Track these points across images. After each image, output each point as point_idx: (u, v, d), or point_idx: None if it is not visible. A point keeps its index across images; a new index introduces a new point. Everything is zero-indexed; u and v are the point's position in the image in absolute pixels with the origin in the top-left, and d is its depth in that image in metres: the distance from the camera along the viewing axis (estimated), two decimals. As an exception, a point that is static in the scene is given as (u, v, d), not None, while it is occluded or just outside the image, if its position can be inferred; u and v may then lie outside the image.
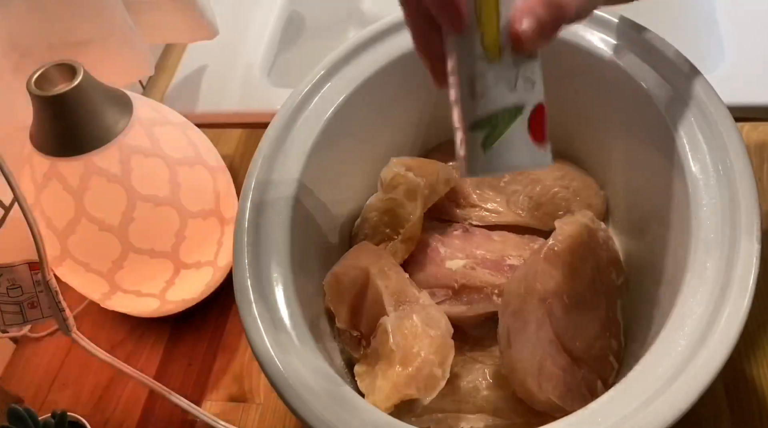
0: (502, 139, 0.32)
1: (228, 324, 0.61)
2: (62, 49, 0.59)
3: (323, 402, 0.40)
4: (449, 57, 0.35)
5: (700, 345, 0.39)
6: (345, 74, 0.53)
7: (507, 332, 0.47)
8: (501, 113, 0.32)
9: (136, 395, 0.58)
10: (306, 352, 0.42)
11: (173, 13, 0.67)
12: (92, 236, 0.50)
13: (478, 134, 0.33)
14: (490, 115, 0.33)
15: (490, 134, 0.33)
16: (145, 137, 0.50)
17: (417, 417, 0.48)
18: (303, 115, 0.52)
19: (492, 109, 0.33)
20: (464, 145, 0.34)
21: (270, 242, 0.46)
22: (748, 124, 0.65)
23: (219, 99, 0.77)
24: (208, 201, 0.54)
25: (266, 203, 0.48)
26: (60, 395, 0.59)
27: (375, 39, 0.54)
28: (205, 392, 0.57)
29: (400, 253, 0.53)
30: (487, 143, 0.33)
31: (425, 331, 0.47)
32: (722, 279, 0.41)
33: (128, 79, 0.67)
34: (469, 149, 0.34)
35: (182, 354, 0.60)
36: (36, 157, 0.49)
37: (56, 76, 0.48)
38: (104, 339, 0.61)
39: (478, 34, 0.32)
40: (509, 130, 0.32)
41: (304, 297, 0.46)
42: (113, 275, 0.52)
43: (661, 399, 0.38)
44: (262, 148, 0.50)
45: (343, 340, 0.51)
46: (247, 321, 0.43)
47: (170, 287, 0.55)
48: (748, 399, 0.51)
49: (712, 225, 0.43)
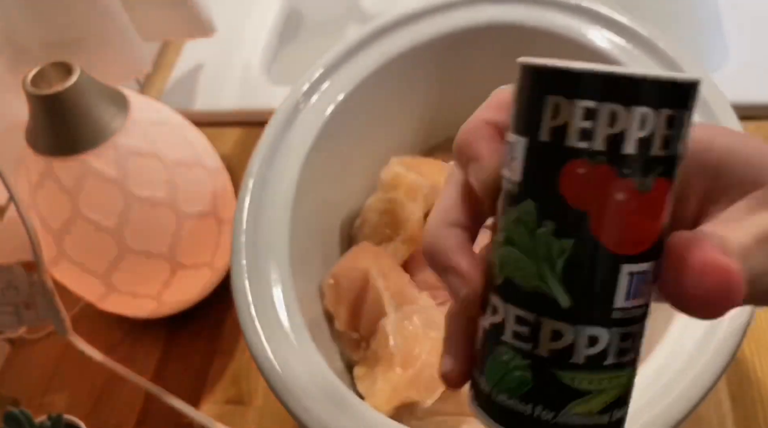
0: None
1: (226, 326, 0.60)
2: (58, 48, 0.58)
3: (322, 404, 0.40)
4: None
5: (703, 346, 0.39)
6: (345, 72, 0.53)
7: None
8: None
9: (133, 397, 0.57)
10: (305, 354, 0.42)
11: (170, 10, 0.66)
12: (88, 237, 0.50)
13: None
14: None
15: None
16: (142, 137, 0.50)
17: (418, 420, 0.48)
18: (302, 113, 0.51)
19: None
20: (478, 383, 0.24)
21: (268, 243, 0.46)
22: (753, 123, 0.65)
23: (217, 97, 0.77)
24: (205, 202, 0.54)
25: (264, 203, 0.48)
26: (56, 397, 0.59)
27: (374, 37, 0.54)
28: (202, 394, 0.57)
29: (400, 253, 0.53)
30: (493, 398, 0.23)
31: (426, 333, 0.46)
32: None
33: (125, 77, 0.67)
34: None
35: (179, 356, 0.59)
36: (31, 156, 0.49)
37: (52, 75, 0.48)
38: (101, 341, 0.61)
39: None
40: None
41: (303, 299, 0.46)
42: (109, 277, 0.52)
43: (664, 401, 0.37)
44: (261, 147, 0.50)
45: (343, 342, 0.51)
46: (245, 322, 0.43)
47: (167, 289, 0.55)
48: (753, 401, 0.50)
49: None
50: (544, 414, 0.22)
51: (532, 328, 0.21)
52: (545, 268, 0.21)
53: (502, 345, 0.22)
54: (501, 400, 0.22)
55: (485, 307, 0.23)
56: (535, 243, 0.21)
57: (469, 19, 0.54)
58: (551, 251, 0.21)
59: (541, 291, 0.21)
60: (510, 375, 0.22)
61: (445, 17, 0.54)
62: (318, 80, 0.52)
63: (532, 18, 0.53)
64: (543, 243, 0.21)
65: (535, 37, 0.53)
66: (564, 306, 0.21)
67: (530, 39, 0.53)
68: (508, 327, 0.22)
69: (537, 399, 0.22)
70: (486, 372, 0.23)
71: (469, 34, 0.54)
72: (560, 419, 0.22)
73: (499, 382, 0.22)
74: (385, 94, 0.55)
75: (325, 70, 0.53)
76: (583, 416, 0.22)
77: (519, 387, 0.22)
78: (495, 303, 0.23)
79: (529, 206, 0.21)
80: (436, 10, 0.54)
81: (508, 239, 0.22)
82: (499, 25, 0.53)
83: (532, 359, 0.22)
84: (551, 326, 0.21)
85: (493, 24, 0.54)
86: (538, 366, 0.22)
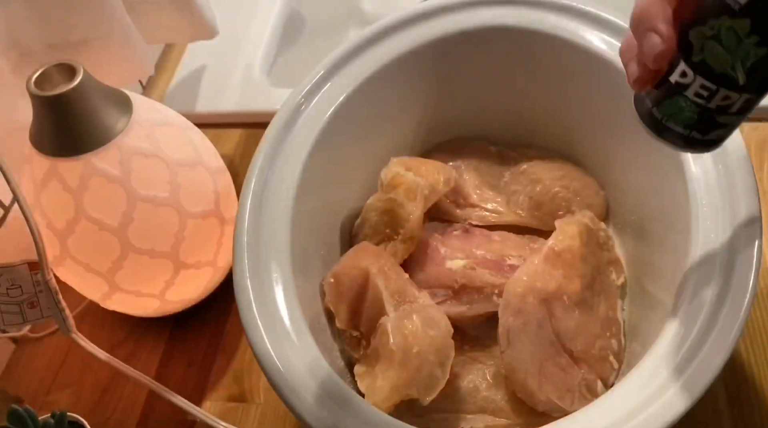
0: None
1: (228, 324, 0.61)
2: (62, 49, 0.59)
3: (323, 402, 0.40)
4: None
5: (700, 346, 0.39)
6: (345, 74, 0.53)
7: (507, 332, 0.47)
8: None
9: (136, 395, 0.58)
10: (306, 352, 0.42)
11: (173, 13, 0.67)
12: (92, 237, 0.50)
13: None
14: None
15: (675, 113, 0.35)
16: (145, 138, 0.50)
17: (417, 418, 0.48)
18: (303, 115, 0.52)
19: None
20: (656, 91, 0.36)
21: (270, 243, 0.46)
22: (748, 124, 0.65)
23: (219, 99, 0.77)
24: (208, 201, 0.54)
25: (266, 203, 0.48)
26: (60, 395, 0.59)
27: (375, 39, 0.54)
28: (205, 392, 0.57)
29: (400, 253, 0.53)
30: (663, 112, 0.36)
31: (425, 331, 0.47)
32: (722, 279, 0.41)
33: (128, 79, 0.67)
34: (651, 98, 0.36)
35: (182, 354, 0.60)
36: (36, 157, 0.49)
37: (56, 76, 0.48)
38: (104, 339, 0.61)
39: None
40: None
41: (304, 297, 0.46)
42: (113, 276, 0.52)
43: (661, 399, 0.38)
44: (262, 148, 0.50)
45: (343, 340, 0.51)
46: (247, 321, 0.43)
47: (170, 288, 0.55)
48: (748, 400, 0.51)
49: (712, 225, 0.43)
50: (695, 134, 0.35)
51: (710, 93, 0.33)
52: (738, 63, 0.31)
53: (683, 97, 0.34)
54: (669, 125, 0.36)
55: (673, 68, 0.34)
56: (738, 47, 0.31)
57: (467, 21, 0.54)
58: (748, 54, 0.31)
59: (727, 74, 0.32)
60: (682, 114, 0.35)
61: (443, 20, 0.55)
62: (319, 82, 0.53)
63: (528, 20, 0.53)
64: (744, 48, 0.31)
65: (532, 39, 0.53)
66: (740, 83, 0.32)
67: (527, 41, 0.54)
68: (692, 89, 0.33)
69: (695, 127, 0.35)
70: (662, 107, 0.35)
71: (467, 36, 0.54)
72: (705, 137, 0.35)
73: (672, 116, 0.35)
74: (384, 96, 0.55)
75: (325, 72, 0.53)
76: (715, 135, 0.35)
77: (686, 121, 0.35)
78: (685, 70, 0.33)
79: (745, 23, 0.30)
80: (435, 13, 0.55)
81: (715, 37, 0.32)
82: (496, 28, 0.54)
83: (702, 108, 0.34)
84: (725, 93, 0.33)
85: (491, 26, 0.54)
86: (704, 112, 0.34)
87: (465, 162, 0.61)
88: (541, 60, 0.54)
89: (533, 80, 0.57)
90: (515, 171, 0.60)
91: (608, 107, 0.53)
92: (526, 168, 0.60)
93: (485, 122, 0.62)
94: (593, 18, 0.52)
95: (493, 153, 0.62)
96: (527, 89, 0.58)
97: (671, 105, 0.35)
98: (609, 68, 0.50)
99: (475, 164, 0.61)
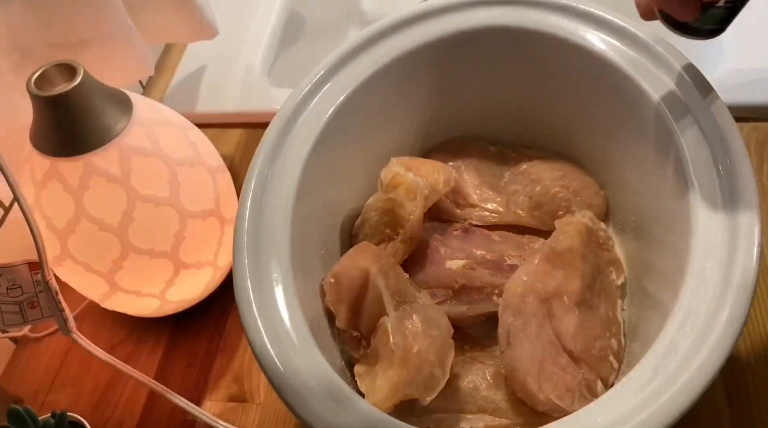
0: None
1: (228, 324, 0.61)
2: (62, 49, 0.59)
3: (323, 402, 0.40)
4: None
5: (700, 345, 0.39)
6: (345, 74, 0.53)
7: (507, 332, 0.47)
8: None
9: (136, 395, 0.58)
10: (306, 352, 0.42)
11: (173, 13, 0.67)
12: (92, 236, 0.50)
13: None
14: None
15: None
16: (145, 137, 0.50)
17: (417, 417, 0.48)
18: (303, 115, 0.52)
19: None
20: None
21: (270, 242, 0.46)
22: (748, 124, 0.66)
23: (219, 99, 0.77)
24: (208, 201, 0.54)
25: (266, 203, 0.48)
26: (60, 395, 0.59)
27: (375, 39, 0.54)
28: (205, 392, 0.57)
29: (400, 253, 0.53)
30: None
31: (425, 331, 0.47)
32: (722, 279, 0.41)
33: (128, 79, 0.67)
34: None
35: (182, 354, 0.60)
36: (36, 157, 0.49)
37: (56, 76, 0.48)
38: (104, 339, 0.61)
39: None
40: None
41: (304, 297, 0.46)
42: (113, 276, 0.52)
43: (661, 399, 0.38)
44: (262, 148, 0.50)
45: (343, 340, 0.51)
46: (247, 320, 0.43)
47: (170, 288, 0.55)
48: (748, 399, 0.51)
49: (712, 225, 0.43)
50: (717, 30, 0.43)
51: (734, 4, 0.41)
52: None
53: (717, 7, 0.42)
54: (701, 26, 0.43)
55: None
56: None
57: (467, 21, 0.54)
58: None
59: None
60: (714, 17, 0.43)
61: (443, 20, 0.55)
62: (319, 82, 0.53)
63: (529, 20, 0.53)
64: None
65: (532, 39, 0.53)
66: None
67: (527, 41, 0.54)
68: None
69: (718, 23, 0.43)
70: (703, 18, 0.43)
71: (467, 36, 0.54)
72: (719, 28, 0.43)
73: (706, 19, 0.43)
74: (385, 96, 0.55)
75: (325, 72, 0.53)
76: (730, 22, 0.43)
77: (716, 20, 0.43)
78: None
79: None
80: (435, 13, 0.55)
81: None
82: (496, 28, 0.54)
83: (731, 7, 0.42)
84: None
85: (491, 26, 0.54)
86: (732, 9, 0.42)
87: (465, 162, 0.61)
88: (542, 60, 0.54)
89: (533, 80, 0.57)
90: (515, 171, 0.60)
91: (608, 107, 0.53)
92: (526, 168, 0.60)
93: (485, 122, 0.62)
94: (593, 18, 0.52)
95: (493, 153, 0.62)
96: (527, 89, 0.58)
97: (706, 13, 0.42)
98: (609, 68, 0.50)
99: (475, 164, 0.61)
